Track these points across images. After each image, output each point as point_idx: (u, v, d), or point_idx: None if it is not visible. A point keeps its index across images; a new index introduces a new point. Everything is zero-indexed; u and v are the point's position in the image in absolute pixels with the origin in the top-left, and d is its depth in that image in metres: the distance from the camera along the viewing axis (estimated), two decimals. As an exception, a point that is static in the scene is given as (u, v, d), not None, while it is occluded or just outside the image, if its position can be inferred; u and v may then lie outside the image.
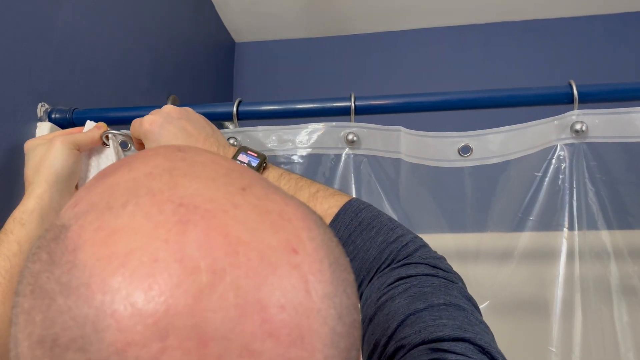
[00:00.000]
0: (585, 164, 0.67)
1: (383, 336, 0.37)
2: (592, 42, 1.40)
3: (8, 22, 0.63)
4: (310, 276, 0.21)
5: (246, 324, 0.19)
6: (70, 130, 0.64)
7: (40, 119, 0.68)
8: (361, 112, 0.66)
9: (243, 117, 0.68)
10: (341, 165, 0.69)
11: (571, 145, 0.67)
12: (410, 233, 0.46)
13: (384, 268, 0.43)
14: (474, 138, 0.68)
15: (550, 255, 0.71)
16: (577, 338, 0.69)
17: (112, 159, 0.63)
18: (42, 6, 0.69)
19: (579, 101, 0.62)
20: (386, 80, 1.48)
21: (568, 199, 0.68)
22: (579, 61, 1.39)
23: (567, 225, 0.69)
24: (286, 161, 0.70)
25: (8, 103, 0.63)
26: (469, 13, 1.44)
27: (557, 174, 0.68)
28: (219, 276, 0.19)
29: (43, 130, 0.68)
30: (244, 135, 0.71)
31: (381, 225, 0.46)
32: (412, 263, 0.42)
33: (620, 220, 0.69)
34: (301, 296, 0.20)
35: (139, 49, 0.99)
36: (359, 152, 0.69)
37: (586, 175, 0.67)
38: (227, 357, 0.18)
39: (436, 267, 0.42)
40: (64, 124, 0.70)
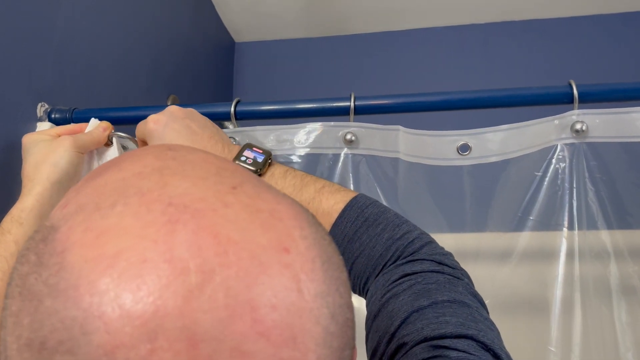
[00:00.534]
0: (585, 164, 0.67)
1: (386, 333, 0.37)
2: (592, 42, 1.40)
3: (8, 22, 0.63)
4: (302, 275, 0.21)
5: (237, 325, 0.18)
6: (73, 127, 0.63)
7: (40, 119, 0.68)
8: (361, 112, 0.66)
9: (241, 117, 0.68)
10: (340, 165, 0.69)
11: (571, 145, 0.66)
12: (416, 229, 0.46)
13: (390, 264, 0.43)
14: (473, 136, 0.68)
15: (550, 255, 0.71)
16: (577, 338, 0.69)
17: None
18: (42, 6, 0.69)
19: (579, 101, 0.62)
20: (386, 80, 1.48)
21: (568, 199, 0.68)
22: (579, 61, 1.39)
23: (567, 225, 0.69)
24: (285, 161, 0.70)
25: (8, 103, 0.63)
26: (469, 13, 1.44)
27: (557, 174, 0.68)
28: (209, 276, 0.19)
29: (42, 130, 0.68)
30: (243, 135, 0.71)
31: (387, 221, 0.45)
32: (418, 260, 0.42)
33: (620, 220, 0.69)
34: (293, 296, 0.20)
35: (139, 49, 0.99)
36: (357, 152, 0.69)
37: (586, 175, 0.67)
38: (218, 358, 0.18)
39: (442, 264, 0.42)
40: (64, 124, 0.70)
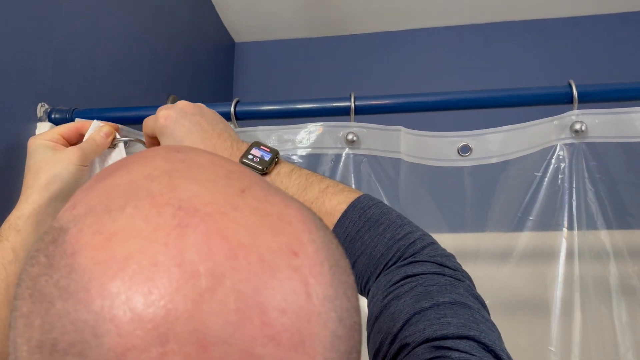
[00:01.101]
0: (584, 164, 0.67)
1: (388, 335, 0.37)
2: (592, 42, 1.40)
3: (8, 23, 0.63)
4: (310, 279, 0.21)
5: (247, 328, 0.19)
6: (75, 125, 0.61)
7: (40, 119, 0.68)
8: (361, 112, 0.66)
9: (241, 117, 0.68)
10: (341, 165, 0.69)
11: (571, 145, 0.67)
12: (419, 230, 0.46)
13: (391, 265, 0.43)
14: (474, 138, 0.68)
15: (549, 255, 0.71)
16: (577, 338, 0.69)
17: None
18: (42, 6, 0.69)
19: (579, 101, 0.62)
20: (386, 80, 1.48)
21: (567, 199, 0.68)
22: (579, 61, 1.39)
23: (567, 225, 0.69)
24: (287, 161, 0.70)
25: (8, 103, 0.63)
26: (469, 13, 1.44)
27: (557, 174, 0.68)
28: (219, 280, 0.19)
29: (42, 130, 0.68)
30: (244, 135, 0.71)
31: (389, 222, 0.46)
32: (419, 261, 0.42)
33: (619, 220, 0.69)
34: (302, 300, 0.20)
35: (139, 49, 0.99)
36: (359, 152, 0.69)
37: (585, 175, 0.67)
38: None
39: (443, 266, 0.42)
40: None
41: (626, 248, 0.72)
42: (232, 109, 0.67)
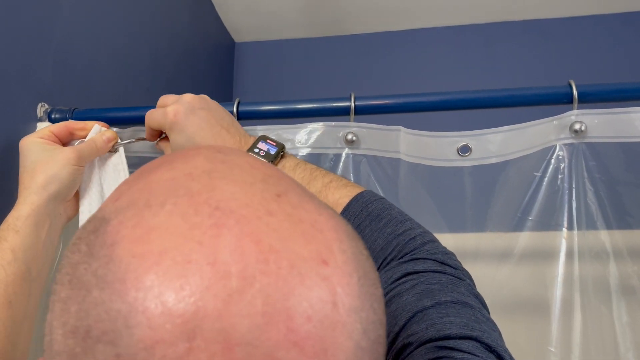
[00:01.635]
0: (584, 164, 0.67)
1: (390, 333, 0.37)
2: (592, 42, 1.40)
3: (8, 23, 0.63)
4: (338, 289, 0.21)
5: (272, 332, 0.19)
6: (67, 125, 0.61)
7: (40, 119, 0.68)
8: (361, 112, 0.66)
9: (243, 117, 0.68)
10: (340, 165, 0.69)
11: (570, 145, 0.67)
12: (419, 227, 0.46)
13: (390, 260, 0.43)
14: (474, 138, 0.68)
15: (549, 255, 0.71)
16: (577, 338, 0.69)
17: (122, 169, 0.62)
18: (42, 6, 0.69)
19: (579, 101, 0.62)
20: (386, 80, 1.48)
21: (567, 199, 0.68)
22: (579, 61, 1.39)
23: (566, 225, 0.69)
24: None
25: (8, 103, 0.63)
26: (469, 13, 1.44)
27: (556, 174, 0.68)
28: (249, 282, 0.19)
29: (43, 130, 0.68)
30: (244, 135, 0.71)
31: (390, 217, 0.46)
32: (420, 258, 0.42)
33: (619, 220, 0.69)
34: (328, 309, 0.20)
35: (139, 49, 0.99)
36: (358, 152, 0.69)
37: (585, 175, 0.67)
38: None
39: (444, 264, 0.42)
40: (64, 124, 0.70)
41: (626, 248, 0.72)
42: (235, 109, 0.67)
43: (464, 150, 0.68)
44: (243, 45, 1.61)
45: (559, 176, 0.68)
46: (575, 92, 0.62)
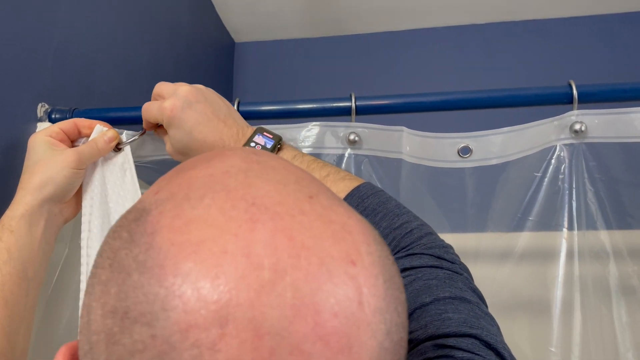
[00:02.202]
0: (584, 164, 0.67)
1: None
2: (592, 42, 1.40)
3: (8, 22, 0.63)
4: (364, 289, 0.22)
5: (299, 325, 0.20)
6: (72, 121, 0.61)
7: (40, 119, 0.68)
8: (362, 112, 0.66)
9: (243, 117, 0.68)
10: (343, 165, 0.69)
11: (570, 145, 0.67)
12: (417, 219, 0.46)
13: None
14: (474, 139, 0.68)
15: (549, 255, 0.71)
16: (577, 338, 0.69)
17: (128, 167, 0.62)
18: (42, 6, 0.69)
19: (579, 101, 0.62)
20: (386, 80, 1.48)
21: (567, 199, 0.68)
22: (579, 61, 1.39)
23: (567, 225, 0.69)
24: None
25: (8, 103, 0.63)
26: (469, 13, 1.44)
27: (557, 174, 0.68)
28: (280, 275, 0.20)
29: (43, 130, 0.68)
30: (244, 135, 0.71)
31: (387, 211, 0.46)
32: (417, 254, 0.42)
33: (619, 220, 0.69)
34: (354, 307, 0.21)
35: (139, 49, 0.99)
36: (361, 152, 0.69)
37: (585, 175, 0.67)
38: (279, 353, 0.19)
39: (441, 258, 0.42)
40: (64, 124, 0.70)
41: (626, 248, 0.72)
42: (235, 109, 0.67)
43: (465, 151, 0.68)
44: (243, 45, 1.61)
45: (559, 176, 0.68)
46: (575, 93, 0.62)
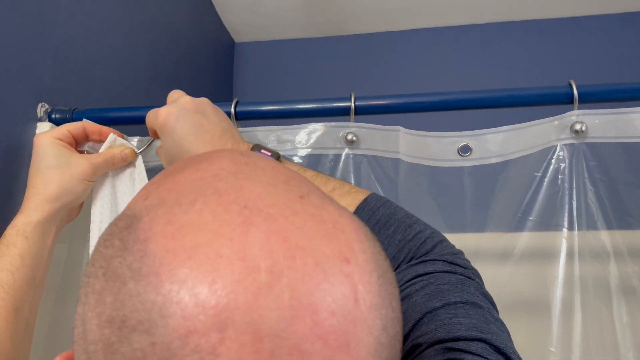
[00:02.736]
0: (584, 164, 0.67)
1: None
2: (592, 42, 1.40)
3: (8, 22, 0.63)
4: (360, 286, 0.22)
5: (298, 325, 0.20)
6: (81, 124, 0.61)
7: (40, 119, 0.68)
8: (361, 112, 0.66)
9: (242, 117, 0.68)
10: (341, 165, 0.69)
11: (571, 145, 0.66)
12: (428, 228, 0.46)
13: (403, 265, 0.43)
14: (474, 138, 0.68)
15: (549, 255, 0.71)
16: (577, 338, 0.69)
17: (138, 176, 0.62)
18: (42, 6, 0.69)
19: (579, 101, 0.62)
20: (386, 80, 1.48)
21: (568, 199, 0.68)
22: (579, 61, 1.39)
23: (567, 225, 0.69)
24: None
25: (8, 103, 0.63)
26: (469, 13, 1.44)
27: (557, 174, 0.68)
28: (277, 277, 0.20)
29: (43, 130, 0.67)
30: (244, 135, 0.71)
31: (399, 222, 0.46)
32: (430, 260, 0.42)
33: (619, 220, 0.69)
34: (350, 304, 0.21)
35: (139, 49, 0.99)
36: (359, 152, 0.69)
37: (586, 175, 0.67)
38: (279, 354, 0.19)
39: (453, 264, 0.42)
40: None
41: (626, 248, 0.72)
42: (232, 109, 0.67)
43: (464, 150, 0.68)
44: (243, 45, 1.61)
45: (560, 176, 0.68)
46: (575, 93, 0.62)
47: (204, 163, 0.26)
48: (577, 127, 0.64)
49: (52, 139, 0.57)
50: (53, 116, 0.69)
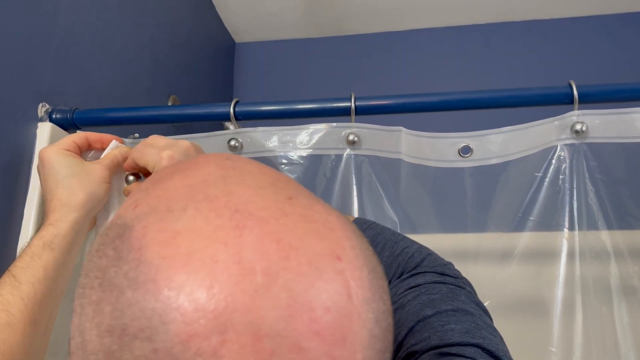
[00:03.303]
0: (585, 164, 0.67)
1: (394, 342, 0.38)
2: (592, 42, 1.40)
3: (8, 22, 0.63)
4: (352, 282, 0.23)
5: (296, 323, 0.20)
6: (83, 134, 0.61)
7: (41, 119, 0.68)
8: (361, 113, 0.66)
9: (241, 118, 0.68)
10: (342, 165, 0.69)
11: (571, 145, 0.67)
12: (414, 244, 0.47)
13: (395, 280, 0.44)
14: (474, 139, 0.68)
15: (550, 255, 0.71)
16: (578, 338, 0.69)
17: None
18: (42, 6, 0.69)
19: (579, 101, 0.62)
20: (386, 80, 1.48)
21: (568, 199, 0.68)
22: (579, 61, 1.39)
23: (568, 225, 0.69)
24: (287, 162, 0.70)
25: (8, 103, 0.63)
26: (469, 13, 1.44)
27: (557, 174, 0.68)
28: (273, 278, 0.21)
29: (44, 130, 0.67)
30: (244, 135, 0.71)
31: (385, 240, 0.47)
32: (421, 272, 0.43)
33: (620, 220, 0.69)
34: (344, 300, 0.22)
35: (139, 49, 0.99)
36: (360, 153, 0.69)
37: (586, 175, 0.67)
38: (279, 353, 0.20)
39: (444, 274, 0.43)
40: (65, 125, 0.70)
41: (627, 248, 0.72)
42: (232, 110, 0.67)
43: (465, 151, 0.68)
44: (243, 45, 1.61)
45: (560, 176, 0.68)
46: (575, 93, 0.62)
47: (192, 169, 0.27)
48: (578, 127, 0.64)
49: (61, 150, 0.57)
50: (53, 116, 0.69)
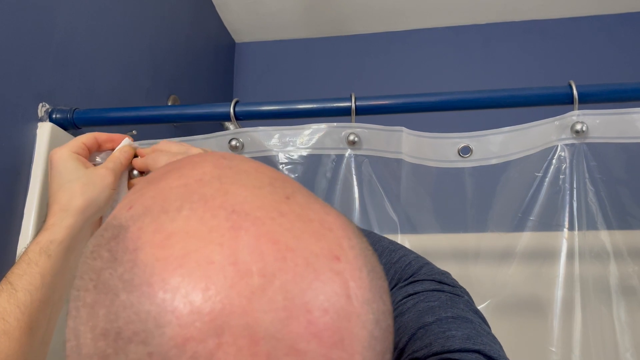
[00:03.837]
0: (585, 164, 0.67)
1: (395, 349, 0.38)
2: (592, 42, 1.40)
3: (8, 22, 0.63)
4: (351, 283, 0.22)
5: (293, 325, 0.20)
6: (92, 135, 0.59)
7: (41, 119, 0.68)
8: (362, 113, 0.66)
9: (241, 118, 0.68)
10: (343, 165, 0.69)
11: (571, 145, 0.67)
12: (412, 253, 0.47)
13: (392, 288, 0.44)
14: (474, 139, 0.68)
15: (550, 255, 0.71)
16: (577, 338, 0.70)
17: None
18: (42, 6, 0.69)
19: (579, 101, 0.62)
20: (386, 80, 1.48)
21: (568, 199, 0.68)
22: (579, 61, 1.39)
23: (567, 225, 0.69)
24: (288, 162, 0.70)
25: (9, 103, 0.63)
26: (469, 13, 1.44)
27: (558, 174, 0.68)
28: (269, 280, 0.20)
29: (44, 130, 0.67)
30: (245, 135, 0.71)
31: (382, 249, 0.47)
32: (419, 280, 0.43)
33: (619, 220, 0.69)
34: (343, 301, 0.21)
35: (139, 49, 0.99)
36: (360, 153, 0.69)
37: (586, 175, 0.67)
38: (276, 355, 0.19)
39: (442, 282, 0.43)
40: (65, 125, 0.70)
41: (626, 248, 0.72)
42: (232, 110, 0.67)
43: (465, 151, 0.68)
44: (243, 45, 1.61)
45: (560, 176, 0.68)
46: (575, 93, 0.62)
47: (186, 168, 0.26)
48: (578, 127, 0.65)
49: (70, 153, 0.56)
50: (54, 116, 0.69)
